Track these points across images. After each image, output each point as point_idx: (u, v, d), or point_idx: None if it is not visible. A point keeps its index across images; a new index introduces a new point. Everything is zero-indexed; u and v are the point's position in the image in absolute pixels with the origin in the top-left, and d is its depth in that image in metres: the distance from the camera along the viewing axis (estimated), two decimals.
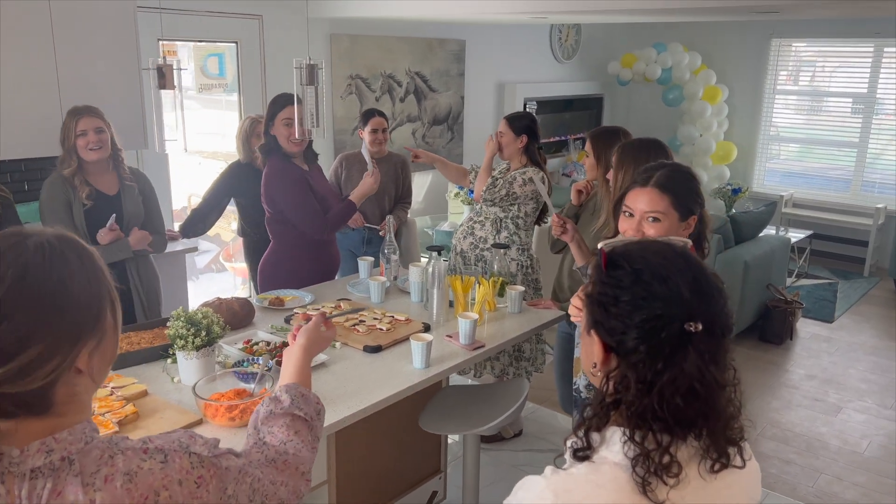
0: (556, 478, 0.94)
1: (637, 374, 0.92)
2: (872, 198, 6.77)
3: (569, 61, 7.00)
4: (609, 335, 0.97)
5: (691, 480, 0.93)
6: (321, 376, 2.14)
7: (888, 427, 3.78)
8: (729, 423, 0.96)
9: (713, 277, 0.98)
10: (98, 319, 0.86)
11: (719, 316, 0.94)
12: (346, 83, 5.00)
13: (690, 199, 1.81)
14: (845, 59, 6.89)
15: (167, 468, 0.87)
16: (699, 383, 0.91)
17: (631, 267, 0.97)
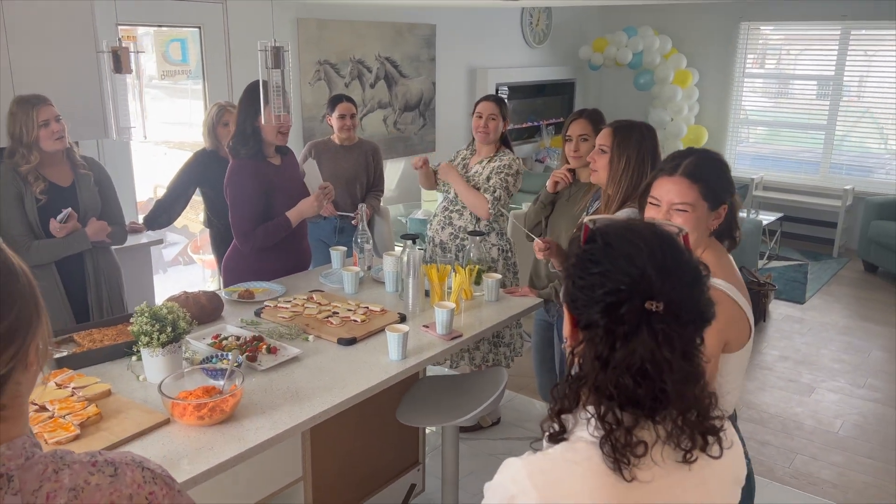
0: (532, 458, 0.95)
1: (595, 350, 0.92)
2: (840, 179, 6.85)
3: (540, 46, 6.95)
4: (575, 308, 0.96)
5: (658, 462, 0.92)
6: (294, 370, 2.08)
7: (861, 406, 3.82)
8: (702, 412, 0.94)
9: (693, 264, 0.95)
10: (38, 309, 0.81)
11: (687, 301, 0.92)
12: (315, 69, 4.89)
13: (721, 187, 1.65)
14: (813, 42, 6.93)
15: (117, 482, 0.80)
16: (650, 364, 0.89)
17: (604, 241, 0.96)
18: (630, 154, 2.30)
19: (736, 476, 1.03)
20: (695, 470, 0.95)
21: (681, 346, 0.90)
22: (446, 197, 3.34)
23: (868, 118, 6.79)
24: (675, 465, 0.94)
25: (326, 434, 2.25)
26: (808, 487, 3.08)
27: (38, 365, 0.82)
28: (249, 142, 2.76)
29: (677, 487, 0.94)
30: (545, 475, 0.91)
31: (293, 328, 2.34)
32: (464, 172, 3.28)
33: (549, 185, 2.83)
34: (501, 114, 3.18)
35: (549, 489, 0.89)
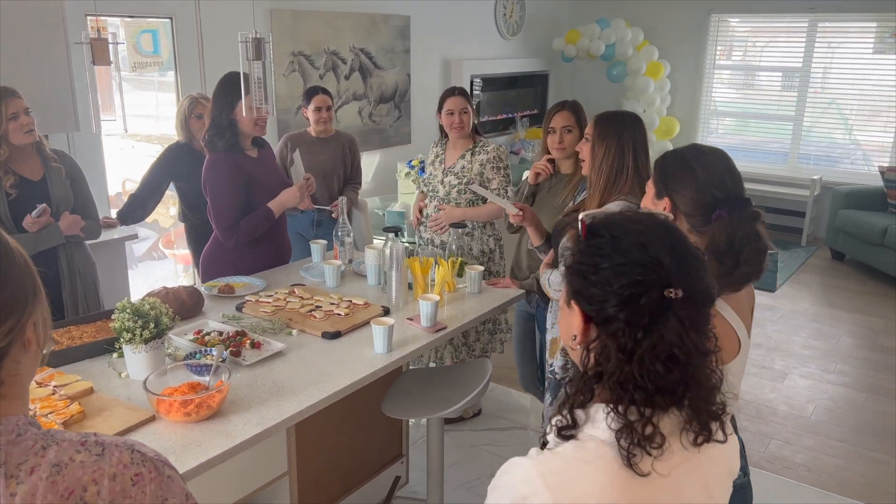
0: (541, 458, 0.93)
1: (617, 343, 0.91)
2: (808, 170, 6.98)
3: (514, 38, 6.96)
4: (589, 304, 0.95)
5: (675, 452, 0.93)
6: (278, 365, 2.06)
7: (831, 391, 3.92)
8: (711, 394, 0.96)
9: (694, 248, 0.97)
10: (37, 289, 0.84)
11: (699, 284, 0.93)
12: (289, 61, 4.84)
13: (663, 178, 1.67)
14: (781, 34, 7.05)
15: (101, 461, 0.79)
16: (679, 349, 0.90)
17: (610, 234, 0.96)
18: (609, 142, 2.31)
19: (731, 468, 1.04)
20: (698, 461, 0.96)
21: (703, 328, 0.92)
22: (436, 196, 3.30)
23: (834, 109, 6.93)
24: (688, 454, 0.95)
25: (311, 428, 2.24)
26: (782, 471, 3.15)
27: (37, 345, 0.83)
28: (226, 134, 2.71)
29: (682, 478, 0.95)
30: (557, 475, 0.90)
31: (276, 322, 2.32)
32: (441, 168, 3.27)
33: (531, 176, 2.85)
34: (470, 105, 3.19)
35: (562, 489, 0.88)
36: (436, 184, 3.29)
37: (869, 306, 5.20)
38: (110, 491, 0.78)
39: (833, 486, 3.05)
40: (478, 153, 3.19)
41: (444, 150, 3.32)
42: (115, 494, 0.79)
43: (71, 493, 0.76)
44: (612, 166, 2.30)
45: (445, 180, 3.25)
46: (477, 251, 3.25)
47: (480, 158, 3.17)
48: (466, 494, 2.93)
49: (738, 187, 1.63)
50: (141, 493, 0.81)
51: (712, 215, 1.56)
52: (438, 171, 3.29)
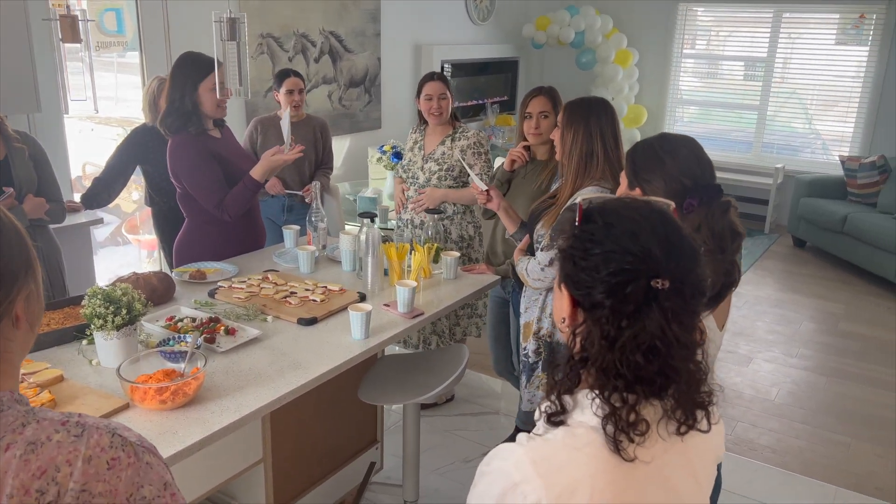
0: (532, 444, 0.93)
1: (601, 330, 0.92)
2: (772, 158, 7.12)
3: (484, 23, 6.93)
4: (577, 289, 0.95)
5: (658, 440, 0.94)
6: (254, 352, 2.04)
7: (794, 374, 4.02)
8: (696, 385, 0.96)
9: (689, 240, 0.96)
10: (29, 264, 0.82)
11: (689, 276, 0.93)
12: (258, 42, 4.75)
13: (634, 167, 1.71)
14: (747, 24, 7.14)
15: (78, 442, 0.77)
16: (660, 341, 0.90)
17: (603, 221, 0.96)
18: (577, 128, 2.31)
19: (717, 455, 1.06)
20: (684, 447, 0.97)
21: (687, 321, 0.92)
22: (416, 183, 3.27)
23: (796, 99, 7.06)
24: (670, 442, 0.95)
25: (286, 415, 2.22)
26: (748, 453, 3.23)
27: (27, 323, 0.82)
28: (192, 118, 2.63)
29: (668, 466, 0.96)
30: (548, 462, 0.90)
31: (250, 309, 2.29)
32: (420, 154, 3.25)
33: (506, 163, 2.85)
34: (449, 90, 3.16)
35: (553, 476, 0.89)
36: (415, 170, 3.26)
37: (829, 292, 5.33)
38: (83, 473, 0.76)
39: (796, 467, 3.13)
40: (458, 139, 3.17)
41: (422, 137, 3.29)
42: (88, 477, 0.76)
43: (43, 472, 0.74)
44: (582, 152, 2.31)
45: (426, 167, 3.22)
46: (456, 236, 3.24)
47: (461, 144, 3.15)
48: (440, 479, 2.94)
49: (708, 175, 1.66)
50: (116, 478, 0.78)
51: (683, 204, 1.57)
52: (418, 157, 3.26)
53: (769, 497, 2.91)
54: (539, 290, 2.40)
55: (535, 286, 2.37)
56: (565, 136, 2.33)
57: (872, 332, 4.63)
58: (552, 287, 2.33)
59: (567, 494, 0.88)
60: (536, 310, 2.41)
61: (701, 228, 1.51)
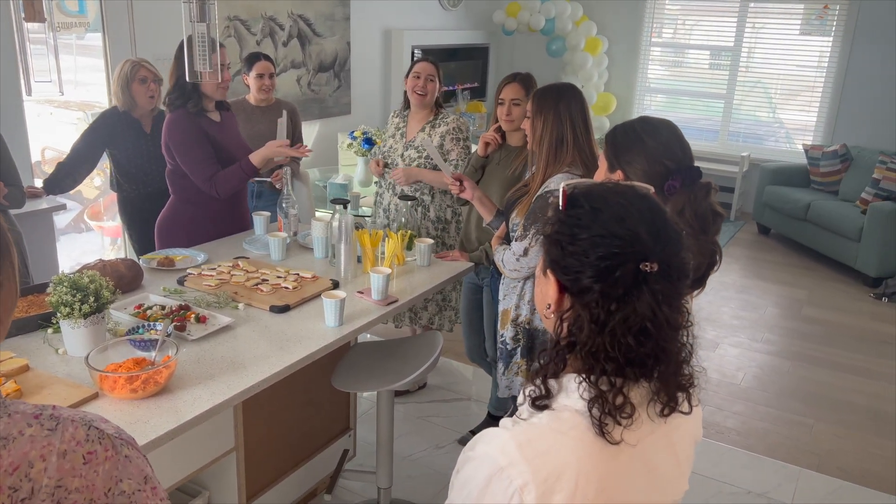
0: (517, 429, 0.93)
1: (591, 314, 0.92)
2: (738, 146, 7.22)
3: (455, 9, 6.89)
4: (564, 274, 0.95)
5: (643, 422, 0.95)
6: (226, 340, 2.01)
7: (759, 359, 4.10)
8: (680, 367, 0.97)
9: (672, 223, 0.97)
10: (2, 259, 0.77)
11: (675, 258, 0.94)
12: (225, 25, 4.66)
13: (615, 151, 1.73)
14: (713, 13, 7.21)
15: (52, 437, 0.74)
16: (651, 323, 0.91)
17: (590, 205, 0.95)
18: (546, 114, 2.31)
19: (696, 437, 1.08)
20: (666, 430, 0.98)
21: (675, 303, 0.93)
22: (396, 164, 3.27)
23: (761, 88, 7.17)
24: (656, 424, 0.96)
25: (258, 403, 2.19)
26: (715, 436, 3.29)
27: None
28: (192, 96, 2.68)
29: (652, 449, 0.97)
30: (534, 446, 0.90)
31: (221, 296, 2.25)
32: (402, 141, 3.23)
33: (480, 148, 2.84)
34: (438, 76, 3.16)
35: (539, 460, 0.89)
36: (395, 157, 3.25)
37: (793, 278, 5.45)
38: (58, 468, 0.73)
39: (761, 449, 3.20)
40: (438, 125, 3.16)
41: (405, 122, 3.28)
42: (64, 472, 0.74)
43: (16, 468, 0.71)
44: (552, 138, 2.30)
45: (405, 154, 3.22)
46: (434, 216, 3.25)
47: (440, 130, 3.15)
48: (413, 466, 2.94)
49: (688, 157, 1.67)
50: (93, 473, 0.75)
51: (664, 185, 1.58)
52: (399, 144, 3.26)
53: (735, 478, 2.97)
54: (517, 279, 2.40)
55: (512, 276, 2.38)
56: (535, 123, 2.33)
57: (835, 318, 4.75)
58: (530, 275, 2.35)
59: (553, 478, 0.88)
60: (514, 297, 2.42)
61: (685, 210, 1.52)
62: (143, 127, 3.33)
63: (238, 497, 2.16)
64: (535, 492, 0.88)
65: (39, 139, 4.77)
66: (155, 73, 3.30)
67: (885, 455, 3.19)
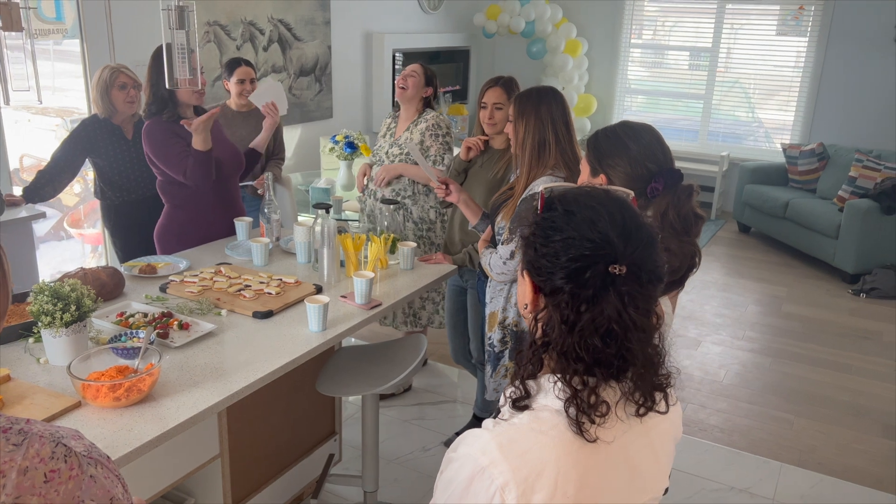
0: (499, 429, 0.95)
1: (561, 314, 0.94)
2: (717, 146, 7.30)
3: (435, 12, 6.91)
4: (538, 274, 0.97)
5: (618, 421, 0.97)
6: (209, 346, 2.00)
7: (741, 356, 4.15)
8: (653, 368, 0.99)
9: (646, 227, 0.99)
10: None
11: (646, 263, 0.95)
12: (204, 30, 4.64)
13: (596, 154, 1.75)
14: (692, 14, 7.28)
15: (16, 452, 0.73)
16: (617, 325, 0.92)
17: (564, 209, 0.98)
18: (528, 118, 2.34)
19: (676, 435, 1.09)
20: (644, 428, 1.00)
21: (644, 306, 0.94)
22: (381, 164, 3.33)
23: (739, 88, 7.25)
24: (630, 423, 0.98)
25: (243, 409, 2.19)
26: (698, 433, 3.32)
27: None
28: (168, 104, 2.73)
29: (630, 446, 0.98)
30: (515, 445, 0.92)
31: (204, 303, 2.25)
32: (392, 142, 3.28)
33: (462, 152, 2.86)
34: (424, 75, 3.24)
35: (519, 459, 0.90)
36: (382, 154, 3.34)
37: (773, 275, 5.52)
38: (17, 486, 0.72)
39: (744, 445, 3.24)
40: (420, 123, 3.22)
41: (395, 122, 3.38)
42: (23, 490, 0.72)
43: None
44: (535, 142, 2.33)
45: (390, 151, 3.30)
46: (417, 216, 3.29)
47: (420, 128, 3.20)
48: (399, 469, 2.95)
49: (669, 159, 1.70)
50: (53, 492, 0.74)
51: (647, 188, 1.61)
52: (387, 143, 3.35)
53: (718, 475, 3.00)
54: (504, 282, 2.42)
55: (499, 279, 2.39)
56: (517, 127, 2.35)
57: (814, 314, 4.81)
58: (516, 278, 2.37)
59: (534, 476, 0.90)
60: (502, 299, 2.43)
61: (668, 212, 1.54)
62: (124, 133, 3.31)
63: (224, 503, 2.16)
64: (515, 490, 0.89)
65: (17, 146, 4.72)
66: (134, 79, 3.29)
67: (865, 449, 3.24)
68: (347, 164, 4.53)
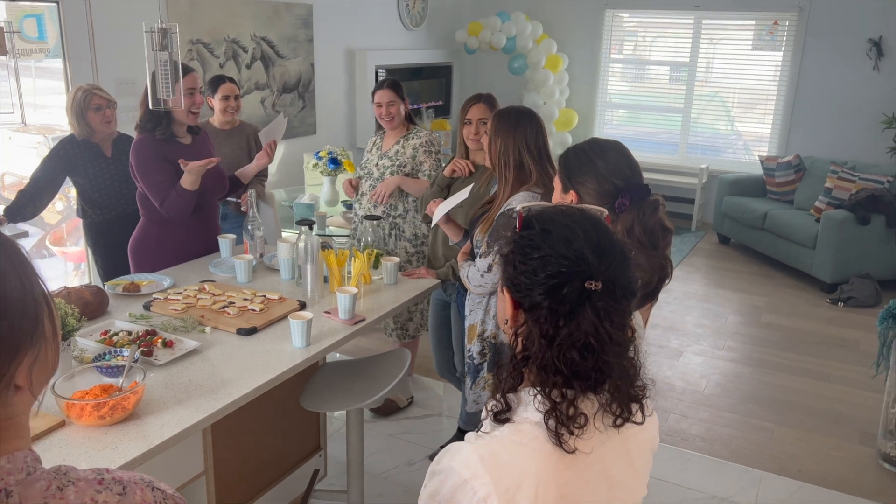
0: (480, 442, 0.97)
1: (540, 329, 0.97)
2: (697, 159, 7.40)
3: (417, 29, 6.98)
4: (517, 291, 1.01)
5: (596, 432, 0.99)
6: (193, 364, 2.02)
7: (722, 366, 4.20)
8: (629, 380, 1.02)
9: (619, 244, 1.02)
10: (36, 325, 0.71)
11: (620, 278, 0.99)
12: (188, 49, 4.66)
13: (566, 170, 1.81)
14: (670, 29, 7.41)
15: (125, 500, 0.74)
16: (594, 338, 0.96)
17: (541, 227, 1.01)
18: (505, 139, 2.39)
19: (653, 445, 1.12)
20: (621, 439, 1.03)
21: (619, 320, 0.97)
22: (370, 178, 3.39)
23: (717, 102, 7.37)
24: (608, 434, 1.01)
25: (227, 426, 2.20)
26: (680, 443, 3.36)
27: (30, 389, 0.72)
28: (162, 121, 2.74)
29: (608, 457, 1.01)
30: (496, 458, 0.94)
31: (188, 320, 2.26)
32: (379, 156, 3.35)
33: (447, 171, 2.90)
34: (399, 97, 3.28)
35: (501, 471, 0.93)
36: (370, 167, 3.41)
37: (752, 286, 5.59)
38: None
39: (726, 454, 3.28)
40: (411, 139, 3.32)
41: (381, 139, 3.45)
42: None
43: None
44: (513, 159, 2.38)
45: (380, 163, 3.36)
46: (409, 234, 3.36)
47: (413, 143, 3.29)
48: (385, 483, 2.96)
49: (637, 175, 1.74)
50: None
51: (615, 204, 1.65)
52: (375, 156, 3.41)
53: (700, 484, 3.04)
54: (482, 295, 2.46)
55: (477, 292, 2.43)
56: (492, 145, 2.41)
57: (793, 323, 4.88)
58: (495, 291, 2.40)
59: (514, 488, 0.92)
60: (480, 312, 2.47)
61: (634, 226, 1.59)
62: (103, 151, 3.32)
63: None
64: (497, 502, 0.92)
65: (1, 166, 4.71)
66: (108, 99, 3.30)
67: (844, 457, 3.29)
68: (331, 180, 4.55)
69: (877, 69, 6.26)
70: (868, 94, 6.32)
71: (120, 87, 4.04)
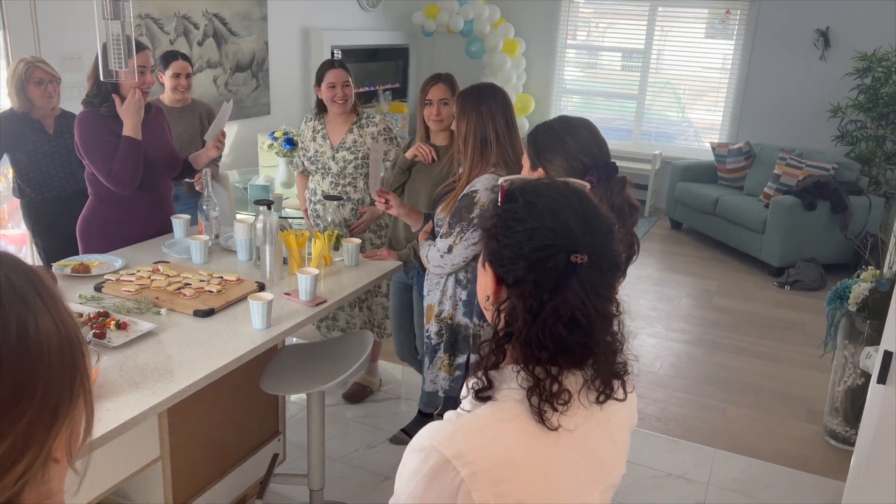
0: (462, 420, 0.95)
1: (524, 304, 0.95)
2: (650, 145, 7.51)
3: (374, 9, 6.88)
4: (501, 265, 0.98)
5: (580, 408, 0.98)
6: (150, 346, 1.95)
7: (675, 347, 4.29)
8: (613, 356, 1.01)
9: (604, 217, 1.01)
10: (74, 377, 0.57)
11: (606, 251, 0.98)
12: (136, 24, 4.50)
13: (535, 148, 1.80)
14: (625, 17, 7.47)
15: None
16: (580, 312, 0.94)
17: (525, 199, 0.99)
18: (470, 116, 2.37)
19: (632, 422, 1.12)
20: (604, 416, 1.02)
21: (604, 294, 0.96)
22: (329, 173, 3.18)
23: (670, 89, 7.48)
24: (591, 410, 1.00)
25: (184, 409, 2.14)
26: (637, 423, 3.41)
27: (68, 457, 0.60)
28: (110, 98, 2.62)
29: (591, 434, 1.00)
30: (479, 436, 0.92)
31: (142, 302, 2.19)
32: (329, 145, 3.18)
33: (409, 154, 2.86)
34: (351, 78, 3.15)
35: (484, 450, 0.91)
36: (326, 161, 3.18)
37: (704, 270, 5.72)
38: None
39: (680, 433, 3.35)
40: (365, 125, 3.15)
41: (323, 126, 3.21)
42: None
43: None
44: (476, 139, 2.36)
45: (338, 156, 3.16)
46: (374, 224, 3.25)
47: (370, 131, 3.14)
48: (345, 467, 2.93)
49: (605, 153, 1.75)
50: None
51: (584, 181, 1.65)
52: (326, 147, 3.18)
53: (656, 462, 3.10)
54: (440, 276, 2.44)
55: (436, 272, 2.41)
56: (459, 125, 2.38)
57: (743, 306, 5.01)
58: (453, 272, 2.39)
59: (498, 466, 0.91)
60: (438, 293, 2.45)
61: (602, 203, 1.59)
62: (45, 128, 3.19)
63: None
64: (480, 481, 0.90)
65: None
66: (52, 74, 3.16)
67: (792, 434, 3.40)
68: (287, 161, 4.47)
69: (823, 59, 6.43)
70: (815, 84, 6.50)
71: (65, 62, 3.87)
